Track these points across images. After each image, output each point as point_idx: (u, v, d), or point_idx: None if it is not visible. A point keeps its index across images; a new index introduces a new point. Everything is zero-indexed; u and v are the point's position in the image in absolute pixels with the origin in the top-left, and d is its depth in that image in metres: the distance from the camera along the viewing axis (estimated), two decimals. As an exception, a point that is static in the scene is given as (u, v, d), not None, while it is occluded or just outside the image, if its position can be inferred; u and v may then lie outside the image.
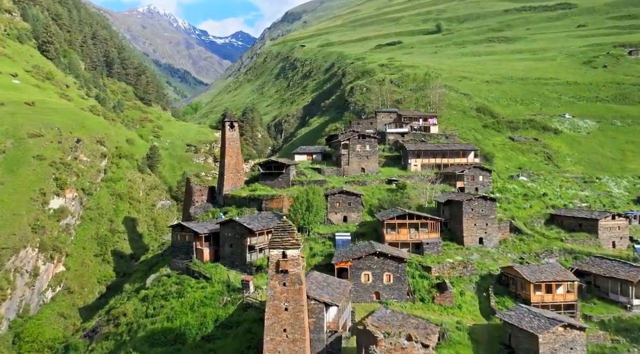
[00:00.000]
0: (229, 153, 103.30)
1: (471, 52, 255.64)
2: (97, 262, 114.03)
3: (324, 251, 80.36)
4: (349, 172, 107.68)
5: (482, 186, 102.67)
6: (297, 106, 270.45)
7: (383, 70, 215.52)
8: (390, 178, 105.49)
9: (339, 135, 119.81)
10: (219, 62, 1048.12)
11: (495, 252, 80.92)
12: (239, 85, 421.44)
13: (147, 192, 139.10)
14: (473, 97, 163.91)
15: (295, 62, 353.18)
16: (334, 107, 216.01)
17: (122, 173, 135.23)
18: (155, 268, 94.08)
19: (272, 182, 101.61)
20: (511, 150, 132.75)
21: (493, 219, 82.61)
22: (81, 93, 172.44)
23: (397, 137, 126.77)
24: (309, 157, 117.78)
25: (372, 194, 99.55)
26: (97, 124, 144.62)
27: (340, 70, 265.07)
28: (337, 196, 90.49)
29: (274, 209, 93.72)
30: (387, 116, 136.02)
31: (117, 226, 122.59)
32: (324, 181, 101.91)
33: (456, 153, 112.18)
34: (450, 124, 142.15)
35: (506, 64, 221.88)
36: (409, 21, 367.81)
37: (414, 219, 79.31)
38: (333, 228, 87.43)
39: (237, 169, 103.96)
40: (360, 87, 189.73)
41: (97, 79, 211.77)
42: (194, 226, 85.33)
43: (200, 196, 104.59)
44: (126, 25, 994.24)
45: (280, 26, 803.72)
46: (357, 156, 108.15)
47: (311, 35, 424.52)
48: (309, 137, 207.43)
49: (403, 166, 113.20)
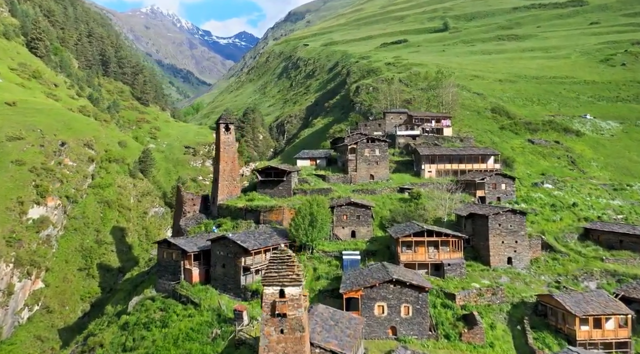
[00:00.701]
0: (224, 158, 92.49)
1: (480, 50, 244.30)
2: (80, 277, 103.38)
3: (330, 273, 69.42)
4: (357, 180, 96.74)
5: (505, 195, 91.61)
6: (300, 107, 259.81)
7: (390, 68, 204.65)
8: (402, 186, 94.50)
9: (345, 138, 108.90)
10: (222, 62, 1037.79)
11: (527, 275, 69.79)
12: (241, 85, 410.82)
13: (138, 199, 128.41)
14: (487, 97, 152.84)
15: (298, 62, 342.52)
16: (339, 108, 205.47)
17: (111, 178, 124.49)
18: (140, 287, 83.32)
19: (272, 191, 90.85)
20: (531, 154, 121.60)
21: (523, 236, 71.48)
22: (71, 93, 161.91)
23: (408, 140, 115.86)
24: (312, 162, 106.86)
25: (382, 204, 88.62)
26: (85, 126, 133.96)
27: (345, 70, 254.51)
28: (344, 208, 79.53)
29: (273, 222, 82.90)
30: (397, 117, 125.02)
31: (104, 237, 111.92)
32: (329, 189, 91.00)
33: (474, 158, 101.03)
34: (464, 126, 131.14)
35: (518, 62, 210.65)
36: (415, 19, 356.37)
37: (434, 236, 68.28)
38: (340, 245, 76.49)
39: (232, 176, 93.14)
40: (367, 87, 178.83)
41: (91, 78, 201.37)
42: (183, 242, 74.50)
43: (193, 205, 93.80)
44: (129, 26, 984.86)
45: (283, 26, 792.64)
46: (366, 161, 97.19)
47: (314, 34, 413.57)
48: (312, 139, 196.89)
49: (415, 172, 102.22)
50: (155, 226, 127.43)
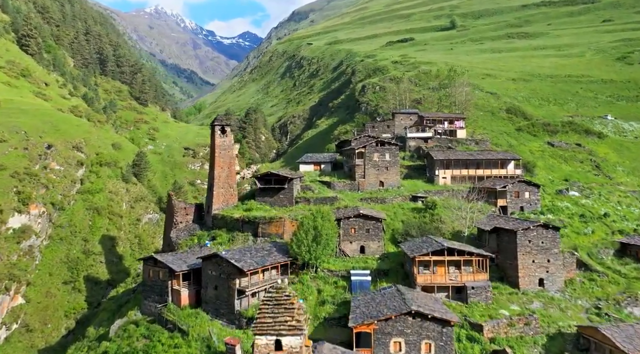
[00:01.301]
0: (220, 164, 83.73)
1: (490, 48, 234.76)
2: (65, 292, 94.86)
3: (337, 297, 60.50)
4: (365, 187, 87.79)
5: (529, 205, 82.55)
6: (304, 107, 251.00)
7: (397, 67, 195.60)
8: (415, 194, 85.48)
9: (352, 141, 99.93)
10: (225, 62, 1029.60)
11: (562, 299, 60.66)
12: (244, 84, 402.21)
13: (131, 204, 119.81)
14: (501, 97, 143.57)
15: (301, 61, 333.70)
16: (343, 108, 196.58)
17: (102, 183, 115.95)
18: (124, 308, 74.63)
19: (272, 200, 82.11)
20: (552, 157, 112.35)
21: (557, 254, 62.37)
22: (63, 92, 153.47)
23: (419, 143, 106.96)
24: (316, 167, 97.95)
25: (394, 215, 79.64)
26: (75, 128, 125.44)
27: (350, 69, 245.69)
28: (352, 221, 70.56)
29: (272, 236, 74.09)
30: (407, 118, 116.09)
31: (92, 247, 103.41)
32: (335, 198, 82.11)
33: (493, 163, 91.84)
34: (478, 127, 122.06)
35: (530, 60, 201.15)
36: (421, 17, 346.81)
37: (455, 255, 59.34)
38: (347, 263, 67.54)
39: (229, 183, 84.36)
40: (373, 86, 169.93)
41: (87, 78, 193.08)
42: (171, 259, 65.80)
43: (185, 215, 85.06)
44: (133, 26, 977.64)
45: (287, 25, 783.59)
46: (375, 166, 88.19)
47: (318, 33, 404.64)
48: (316, 140, 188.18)
49: (429, 178, 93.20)
50: (149, 233, 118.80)
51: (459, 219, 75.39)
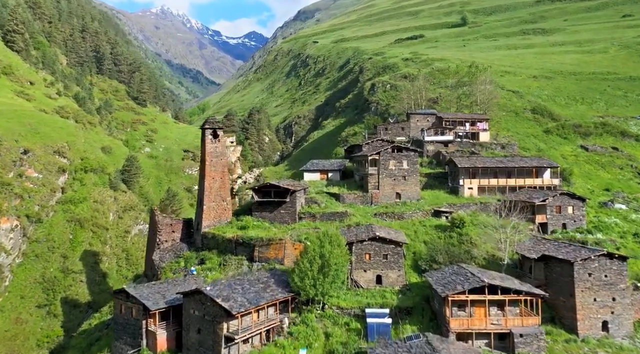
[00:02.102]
0: (211, 174, 71.44)
1: (505, 45, 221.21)
2: (39, 317, 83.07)
3: (349, 345, 47.95)
4: (379, 200, 75.19)
5: (573, 221, 69.72)
6: (309, 107, 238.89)
7: (408, 64, 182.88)
8: (438, 208, 72.85)
9: (363, 145, 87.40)
10: (231, 62, 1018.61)
11: (632, 348, 47.91)
12: (248, 84, 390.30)
13: (119, 215, 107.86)
14: (524, 95, 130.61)
15: (307, 59, 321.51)
16: (351, 108, 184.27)
17: (86, 192, 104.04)
18: (95, 347, 62.56)
19: (272, 215, 69.82)
20: (587, 163, 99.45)
21: (624, 291, 49.64)
22: (50, 91, 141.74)
23: (439, 148, 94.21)
24: (323, 175, 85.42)
25: (414, 234, 67.12)
26: (58, 130, 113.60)
27: (357, 67, 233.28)
28: (366, 245, 58.04)
29: (271, 261, 61.79)
30: (424, 119, 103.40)
31: (72, 264, 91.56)
32: (345, 213, 69.65)
33: (527, 171, 78.90)
34: (501, 129, 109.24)
35: (550, 57, 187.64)
36: (430, 14, 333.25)
37: (498, 293, 46.79)
38: (361, 297, 54.94)
39: (222, 195, 72.04)
40: (383, 84, 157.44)
41: (81, 76, 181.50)
42: (146, 293, 53.60)
43: (171, 232, 72.84)
44: (139, 26, 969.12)
45: (293, 25, 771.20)
46: (391, 176, 75.56)
47: (324, 31, 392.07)
48: (322, 142, 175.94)
49: (452, 188, 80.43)
50: (139, 247, 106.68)
51: (492, 240, 62.67)
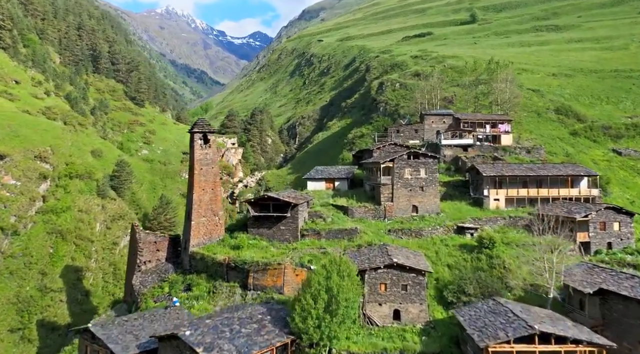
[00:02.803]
0: (201, 184, 61.76)
1: (519, 42, 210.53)
2: (11, 343, 73.74)
3: (363, 407, 38.33)
4: (394, 213, 65.31)
5: (619, 240, 59.61)
6: (314, 107, 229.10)
7: (417, 62, 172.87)
8: (461, 223, 62.97)
9: (374, 150, 77.57)
10: (236, 62, 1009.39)
11: None
12: (251, 84, 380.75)
13: (107, 225, 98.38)
14: (545, 94, 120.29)
15: (311, 58, 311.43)
16: (358, 108, 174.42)
17: (70, 200, 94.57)
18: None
19: (270, 232, 60.18)
20: (621, 169, 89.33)
21: None
22: (37, 91, 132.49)
23: (457, 152, 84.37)
24: (328, 184, 75.59)
25: (436, 255, 57.27)
26: (41, 133, 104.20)
27: (363, 65, 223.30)
28: (382, 273, 48.18)
29: (268, 289, 52.07)
30: (439, 121, 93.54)
31: (51, 282, 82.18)
32: (354, 230, 59.81)
33: (561, 181, 68.82)
34: (523, 131, 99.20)
35: (567, 54, 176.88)
36: (438, 12, 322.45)
37: (551, 342, 36.84)
38: (376, 339, 44.93)
39: (213, 209, 62.32)
40: (392, 83, 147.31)
41: (75, 75, 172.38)
42: (115, 333, 43.99)
43: (155, 251, 63.16)
44: (144, 26, 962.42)
45: (297, 24, 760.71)
46: (407, 186, 65.64)
47: (329, 30, 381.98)
48: (327, 144, 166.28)
49: (475, 199, 70.46)
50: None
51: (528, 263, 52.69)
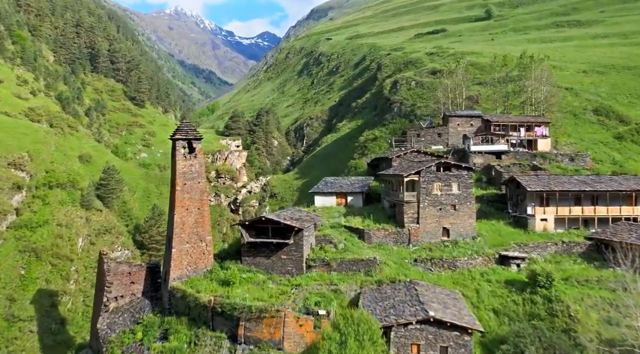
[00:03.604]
0: (184, 203, 49.87)
1: (540, 38, 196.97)
2: (-32, 384, 62.39)
3: None
4: (420, 238, 53.04)
5: None
6: (322, 107, 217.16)
7: (433, 59, 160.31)
8: (504, 251, 50.60)
9: (393, 159, 65.27)
10: (244, 62, 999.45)
11: None
12: (259, 83, 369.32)
13: (90, 240, 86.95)
14: (579, 93, 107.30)
15: (320, 57, 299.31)
16: (369, 108, 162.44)
17: (48, 213, 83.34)
18: None
19: (269, 263, 48.44)
20: (679, 180, 75.95)
21: None
22: (22, 90, 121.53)
23: (489, 160, 72.13)
24: (340, 200, 63.37)
25: (477, 295, 44.99)
26: (19, 137, 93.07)
27: (374, 64, 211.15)
28: (413, 331, 35.83)
29: (264, 344, 40.03)
30: (466, 123, 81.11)
31: (20, 309, 70.87)
32: (372, 261, 47.67)
33: (624, 196, 56.08)
34: (560, 134, 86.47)
35: (593, 50, 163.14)
36: (450, 8, 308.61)
37: None
38: None
39: (199, 234, 50.40)
40: (407, 81, 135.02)
41: (70, 74, 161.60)
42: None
43: (129, 284, 51.33)
44: (153, 26, 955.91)
45: (306, 24, 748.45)
46: (436, 204, 53.33)
47: (338, 28, 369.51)
48: (337, 147, 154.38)
49: (515, 218, 57.95)
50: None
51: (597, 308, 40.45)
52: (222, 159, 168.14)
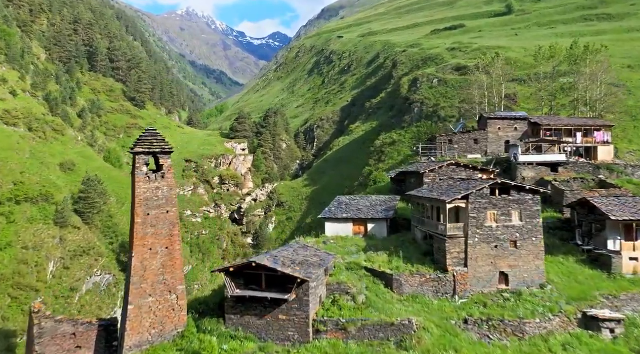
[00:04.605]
0: (146, 240, 35.79)
1: (568, 32, 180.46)
2: None
3: None
4: (468, 285, 38.48)
5: None
6: (334, 107, 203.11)
7: (455, 55, 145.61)
8: (590, 311, 35.92)
9: (425, 174, 50.73)
10: (255, 63, 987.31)
11: None
12: (268, 83, 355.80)
13: (64, 264, 73.64)
14: (632, 90, 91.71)
15: (331, 56, 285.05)
16: (385, 109, 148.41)
17: (12, 233, 70.09)
18: None
19: (262, 324, 34.50)
20: None
21: None
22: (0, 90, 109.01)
23: (542, 173, 57.25)
24: (358, 228, 48.69)
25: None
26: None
27: (389, 61, 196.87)
28: None
29: None
30: (509, 127, 66.43)
31: (-33, 356, 57.49)
32: (407, 325, 33.30)
33: None
34: (619, 140, 71.22)
35: (631, 44, 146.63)
36: (468, 4, 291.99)
37: None
38: None
39: (168, 283, 36.32)
40: (429, 78, 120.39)
41: (64, 73, 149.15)
42: None
43: (73, 349, 37.38)
44: (165, 28, 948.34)
45: (317, 24, 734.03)
46: (490, 240, 38.78)
47: (350, 26, 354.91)
48: (350, 151, 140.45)
49: (591, 255, 43.17)
50: (91, 310, 72.24)
51: None
52: (226, 163, 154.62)
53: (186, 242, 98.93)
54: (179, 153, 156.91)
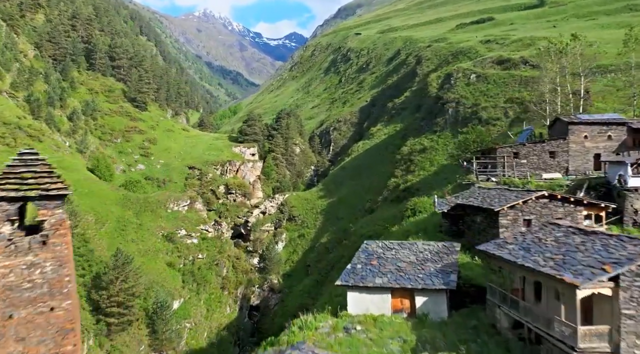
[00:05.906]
0: None
1: (614, 22, 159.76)
2: None
3: None
4: None
5: None
6: (351, 108, 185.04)
7: (491, 48, 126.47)
8: None
9: (501, 211, 32.23)
10: (271, 63, 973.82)
11: None
12: (283, 83, 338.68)
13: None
14: None
15: (348, 53, 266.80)
16: (410, 109, 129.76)
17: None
18: None
19: None
20: None
21: None
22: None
23: (662, 204, 37.90)
24: (399, 302, 30.15)
25: None
26: None
27: (412, 57, 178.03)
28: None
29: None
30: (599, 135, 47.39)
31: None
32: None
33: None
34: None
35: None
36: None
37: None
38: None
39: None
40: (465, 74, 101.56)
41: (52, 72, 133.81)
42: None
43: None
44: (182, 29, 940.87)
45: (333, 23, 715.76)
46: (663, 362, 20.45)
47: (368, 22, 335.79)
48: (371, 158, 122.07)
49: None
50: None
51: None
52: (233, 171, 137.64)
53: (178, 270, 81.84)
54: (182, 159, 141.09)
